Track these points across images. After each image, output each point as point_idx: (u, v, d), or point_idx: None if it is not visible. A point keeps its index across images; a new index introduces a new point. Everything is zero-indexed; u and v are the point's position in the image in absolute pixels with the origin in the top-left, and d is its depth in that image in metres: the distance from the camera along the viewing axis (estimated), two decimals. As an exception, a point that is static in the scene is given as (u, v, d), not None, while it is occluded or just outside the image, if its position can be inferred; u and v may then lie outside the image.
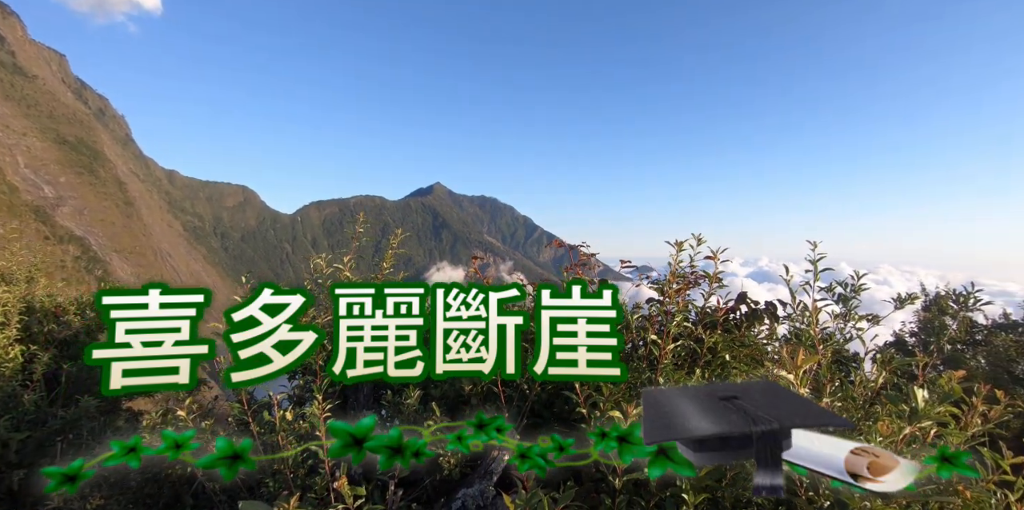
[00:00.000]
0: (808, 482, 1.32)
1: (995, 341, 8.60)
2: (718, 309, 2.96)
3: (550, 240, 3.22)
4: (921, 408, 1.09)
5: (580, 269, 2.97)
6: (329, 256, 4.19)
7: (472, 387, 2.90)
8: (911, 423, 1.12)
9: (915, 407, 1.10)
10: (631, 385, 2.70)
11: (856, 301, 3.28)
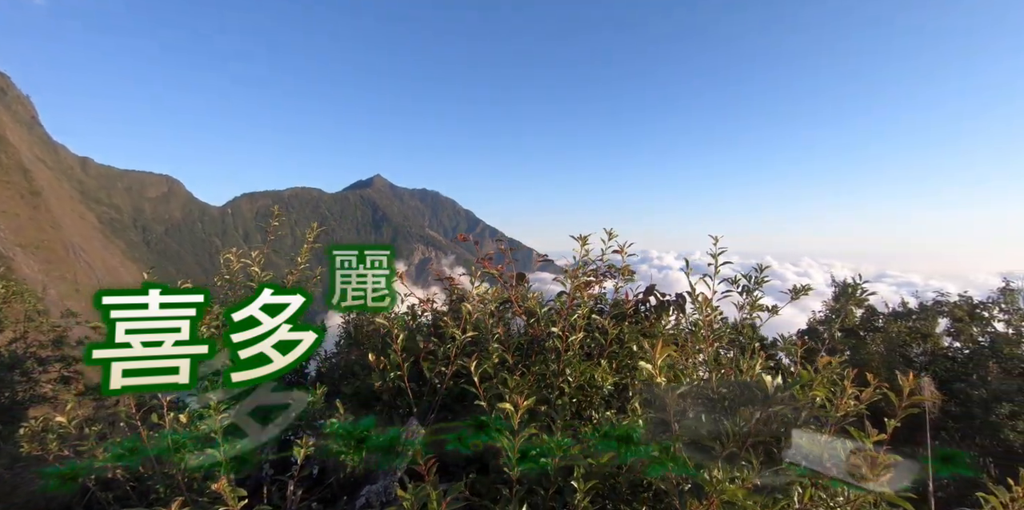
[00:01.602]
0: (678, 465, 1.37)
1: (890, 328, 9.37)
2: (626, 301, 3.04)
3: (493, 234, 3.21)
4: (772, 394, 1.15)
5: (488, 262, 2.96)
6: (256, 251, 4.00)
7: (382, 383, 2.84)
8: (764, 409, 1.17)
9: (766, 393, 1.15)
10: (539, 377, 2.73)
11: (760, 293, 3.46)
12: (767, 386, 1.15)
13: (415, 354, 3.03)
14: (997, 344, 8.89)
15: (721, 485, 1.17)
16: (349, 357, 3.60)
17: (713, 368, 2.04)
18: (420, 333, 3.18)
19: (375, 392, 3.00)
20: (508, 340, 2.83)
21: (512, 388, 2.50)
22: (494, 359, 2.74)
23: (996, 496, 1.68)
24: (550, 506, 2.14)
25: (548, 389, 2.59)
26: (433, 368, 2.84)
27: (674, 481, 1.34)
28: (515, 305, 3.07)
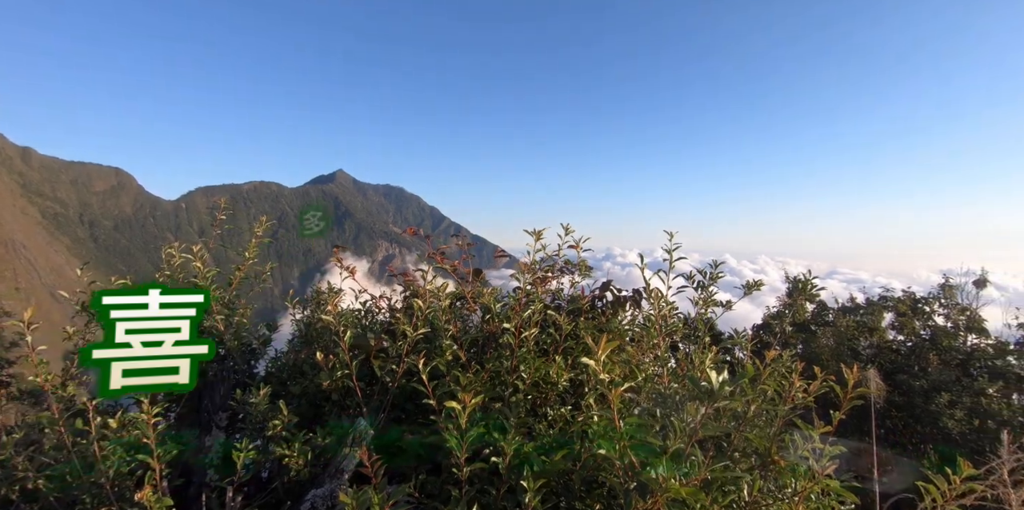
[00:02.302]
0: (625, 463, 1.34)
1: (839, 322, 9.73)
2: (582, 297, 3.01)
3: (458, 231, 3.12)
4: (716, 389, 1.12)
5: (442, 257, 2.89)
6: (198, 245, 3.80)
7: (330, 383, 2.74)
8: (708, 404, 1.15)
9: (710, 388, 1.13)
10: (493, 374, 2.68)
11: (715, 288, 3.50)
12: (711, 381, 1.12)
13: (366, 352, 2.93)
14: (937, 337, 9.34)
15: (666, 483, 1.15)
16: (299, 356, 3.46)
17: (665, 363, 2.03)
18: (371, 330, 3.08)
19: (324, 392, 2.89)
20: (462, 337, 2.77)
21: (464, 386, 2.44)
22: (447, 356, 2.68)
23: (936, 486, 1.72)
24: (502, 506, 2.09)
25: (502, 386, 2.54)
26: (384, 366, 2.75)
27: (621, 479, 1.31)
28: (469, 301, 3.00)
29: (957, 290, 10.61)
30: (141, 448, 2.44)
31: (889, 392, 8.10)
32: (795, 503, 1.84)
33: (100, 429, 2.38)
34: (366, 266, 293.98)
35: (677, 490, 1.15)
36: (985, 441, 7.73)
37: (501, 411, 2.43)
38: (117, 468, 2.36)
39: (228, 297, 3.89)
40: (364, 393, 2.77)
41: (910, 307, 10.10)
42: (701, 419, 1.17)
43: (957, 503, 1.68)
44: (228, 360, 3.65)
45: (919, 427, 8.41)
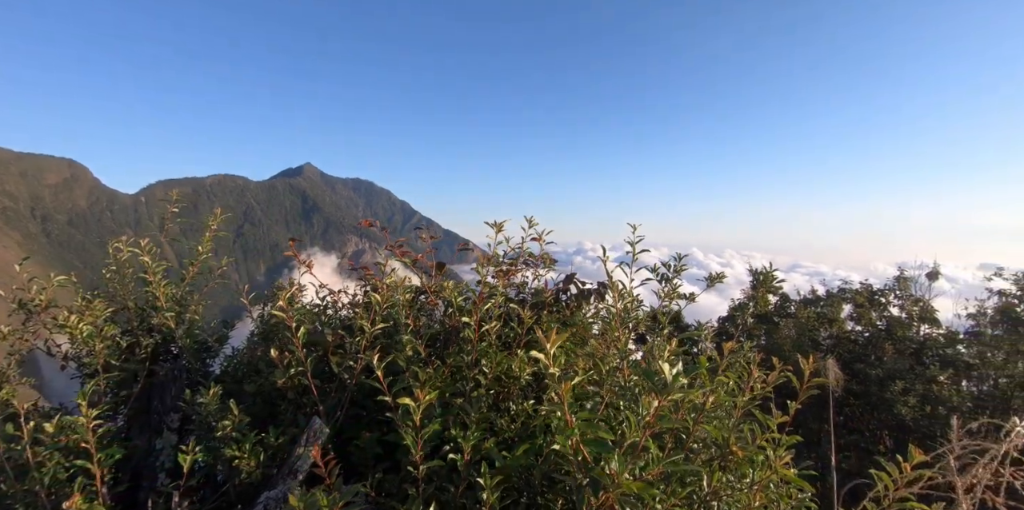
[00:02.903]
0: (578, 459, 1.30)
1: (800, 314, 9.99)
2: (545, 290, 2.98)
3: (429, 225, 3.03)
4: (670, 381, 1.10)
5: (400, 249, 2.82)
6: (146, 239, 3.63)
7: (285, 380, 2.64)
8: (661, 397, 1.12)
9: (663, 381, 1.10)
10: (454, 369, 2.62)
11: (679, 280, 3.52)
12: (664, 373, 1.10)
13: (324, 348, 2.84)
14: (892, 327, 9.68)
15: (619, 478, 1.12)
16: (255, 353, 3.34)
17: (626, 356, 2.01)
18: (329, 326, 2.98)
19: (279, 390, 2.79)
20: (422, 331, 2.70)
21: (424, 381, 2.39)
22: (407, 351, 2.61)
23: (888, 473, 1.74)
24: (461, 503, 2.05)
25: (463, 381, 2.49)
26: (342, 363, 2.67)
27: (574, 475, 1.28)
28: (431, 295, 2.94)
29: (911, 282, 11.03)
30: (80, 453, 2.31)
31: (847, 381, 8.36)
32: (753, 493, 1.84)
33: (34, 434, 2.24)
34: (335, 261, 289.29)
35: (628, 485, 1.12)
36: (936, 426, 8.06)
37: (462, 407, 2.38)
38: (53, 475, 2.22)
39: (181, 293, 3.74)
40: (321, 390, 2.68)
41: (867, 299, 10.44)
42: (655, 412, 1.14)
43: (908, 490, 1.70)
44: (181, 359, 3.51)
45: (875, 414, 8.72)
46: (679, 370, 1.15)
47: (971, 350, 9.56)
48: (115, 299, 3.65)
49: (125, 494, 2.91)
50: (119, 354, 3.23)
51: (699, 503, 1.93)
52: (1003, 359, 9.16)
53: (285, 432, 2.45)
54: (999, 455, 1.18)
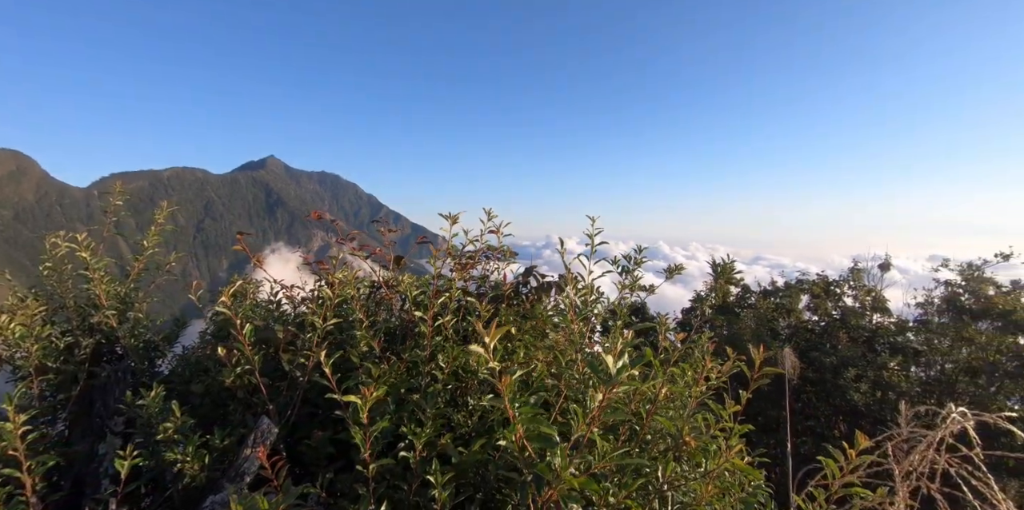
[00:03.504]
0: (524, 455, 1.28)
1: (760, 305, 10.25)
2: (504, 283, 2.95)
3: (397, 220, 2.95)
4: (614, 373, 1.08)
5: (351, 243, 2.74)
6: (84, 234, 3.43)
7: (233, 380, 2.54)
8: (606, 389, 1.10)
9: (608, 373, 1.08)
10: (410, 364, 2.57)
11: (640, 272, 3.53)
12: (608, 365, 1.07)
13: (275, 345, 2.75)
14: (846, 316, 10.03)
15: (562, 473, 1.09)
16: (204, 352, 3.21)
17: (581, 349, 2.00)
18: (280, 322, 2.88)
19: (228, 390, 2.69)
20: (376, 326, 2.64)
21: (377, 378, 2.33)
22: (361, 347, 2.54)
23: (834, 460, 1.77)
24: (415, 501, 2.00)
25: (419, 377, 2.44)
26: (293, 360, 2.58)
27: (518, 471, 1.25)
28: (385, 289, 2.87)
29: (864, 273, 11.44)
30: (8, 461, 2.18)
31: (804, 369, 8.62)
32: (706, 482, 1.85)
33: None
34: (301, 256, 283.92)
35: (571, 481, 1.10)
36: (887, 411, 8.40)
37: (417, 403, 2.33)
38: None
39: (125, 290, 3.57)
40: (272, 389, 2.59)
41: (823, 289, 10.78)
42: (600, 405, 1.12)
43: (853, 475, 1.73)
44: (126, 359, 3.35)
45: (830, 400, 9.03)
46: (625, 362, 1.13)
47: (919, 337, 9.99)
48: (53, 297, 3.46)
49: (67, 502, 2.76)
50: (56, 355, 3.06)
51: (655, 494, 1.94)
52: (948, 346, 9.61)
53: (232, 433, 2.36)
54: (935, 442, 1.20)
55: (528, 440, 1.19)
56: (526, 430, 1.18)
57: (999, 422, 1.27)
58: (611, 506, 1.57)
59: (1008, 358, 8.99)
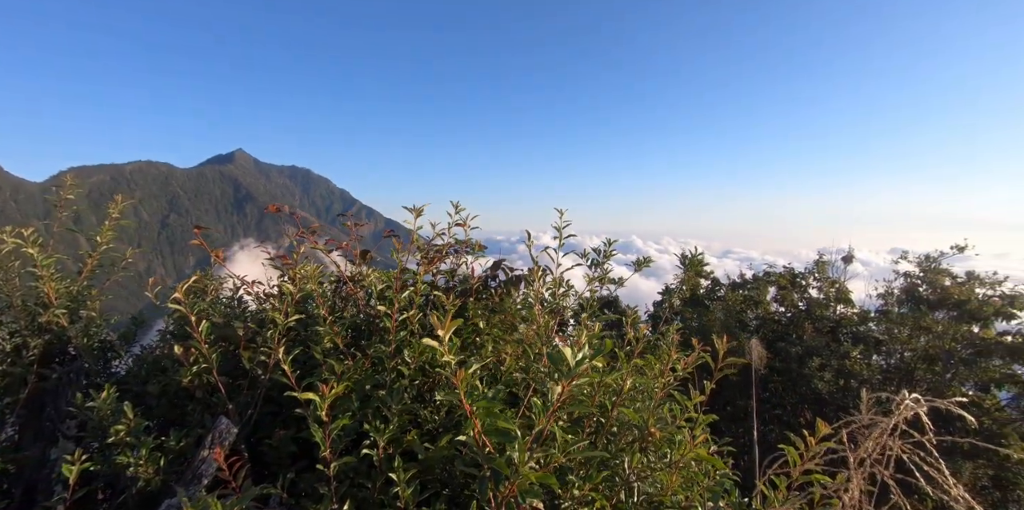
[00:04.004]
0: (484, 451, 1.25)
1: (729, 297, 10.44)
2: (472, 277, 2.92)
3: (371, 215, 2.87)
4: (572, 366, 1.06)
5: (313, 236, 2.67)
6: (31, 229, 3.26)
7: (191, 379, 2.45)
8: (565, 382, 1.08)
9: (567, 365, 1.06)
10: (375, 360, 2.52)
11: (609, 266, 3.54)
12: (567, 358, 1.06)
13: (235, 343, 2.67)
14: (811, 307, 10.30)
15: (522, 468, 1.08)
16: (162, 351, 3.10)
17: (549, 341, 1.98)
18: (240, 319, 2.80)
19: (187, 389, 2.60)
20: (339, 322, 2.58)
21: (340, 374, 2.27)
22: (325, 343, 2.48)
23: (795, 447, 1.79)
24: (380, 499, 1.96)
25: (385, 372, 2.39)
26: (254, 358, 2.51)
27: (479, 467, 1.23)
28: (349, 284, 2.80)
29: (829, 266, 11.76)
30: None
31: (771, 359, 8.82)
32: (671, 473, 1.86)
33: None
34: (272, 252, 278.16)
35: (528, 475, 1.08)
36: (849, 399, 8.66)
37: (382, 399, 2.29)
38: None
39: (77, 288, 3.42)
40: (232, 388, 2.52)
41: (789, 281, 11.04)
42: (559, 398, 1.10)
43: (814, 462, 1.76)
44: (79, 360, 3.22)
45: (796, 389, 9.27)
46: (585, 354, 1.11)
47: (880, 327, 10.32)
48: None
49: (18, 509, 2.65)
50: (2, 357, 2.92)
51: (621, 485, 1.94)
52: (907, 335, 9.96)
53: (189, 434, 2.28)
54: (888, 428, 1.22)
55: (486, 435, 1.17)
56: (484, 425, 1.16)
57: (951, 408, 1.29)
58: (576, 499, 1.56)
59: (963, 346, 9.36)
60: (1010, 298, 9.34)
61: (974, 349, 9.16)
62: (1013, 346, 8.74)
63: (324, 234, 3.23)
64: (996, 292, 9.66)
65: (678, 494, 1.93)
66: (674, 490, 1.91)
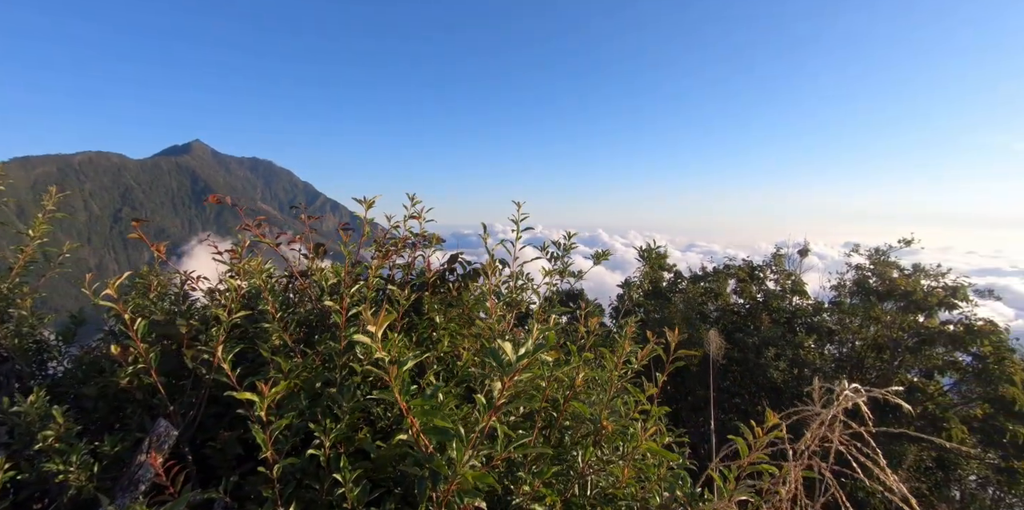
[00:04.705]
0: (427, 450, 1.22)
1: (690, 289, 10.64)
2: (428, 270, 2.86)
3: (335, 208, 2.74)
4: (512, 361, 1.03)
5: (259, 229, 2.57)
6: None
7: (131, 379, 2.33)
8: (506, 378, 1.05)
9: (506, 360, 1.03)
10: (326, 357, 2.45)
11: (569, 259, 3.54)
12: (507, 353, 1.03)
13: (178, 341, 2.55)
14: (769, 299, 10.60)
15: (463, 468, 1.04)
16: (99, 351, 2.95)
17: (501, 336, 1.95)
18: (183, 316, 2.67)
19: (126, 391, 2.47)
20: (292, 318, 2.50)
21: (287, 372, 2.20)
22: (274, 341, 2.40)
23: (745, 438, 1.81)
24: (328, 501, 1.91)
25: (335, 369, 2.32)
26: (198, 356, 2.40)
27: (420, 467, 1.19)
28: (299, 278, 2.72)
29: (786, 259, 12.12)
30: None
31: (729, 349, 9.04)
32: (623, 467, 1.86)
33: None
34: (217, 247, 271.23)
35: (466, 475, 1.05)
36: (803, 387, 8.96)
37: (333, 397, 2.22)
38: None
39: (8, 286, 3.23)
40: (176, 388, 2.41)
41: (748, 274, 11.33)
42: (500, 394, 1.07)
43: (761, 452, 1.78)
44: (10, 361, 3.03)
45: (753, 378, 9.54)
46: (527, 349, 1.09)
47: (833, 318, 10.71)
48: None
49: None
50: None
51: (575, 479, 1.93)
52: (858, 324, 10.36)
53: (127, 438, 2.17)
54: (827, 420, 1.24)
55: (425, 434, 1.13)
56: (421, 423, 1.12)
57: (888, 397, 1.32)
58: (526, 495, 1.54)
59: (909, 335, 9.79)
60: (952, 289, 9.80)
61: (919, 338, 9.59)
62: (955, 335, 9.19)
63: (288, 228, 3.12)
64: (940, 283, 10.12)
65: (631, 487, 1.93)
66: (627, 482, 1.92)
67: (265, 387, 1.52)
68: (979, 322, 9.20)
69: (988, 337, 8.82)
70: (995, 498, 9.24)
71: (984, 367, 8.73)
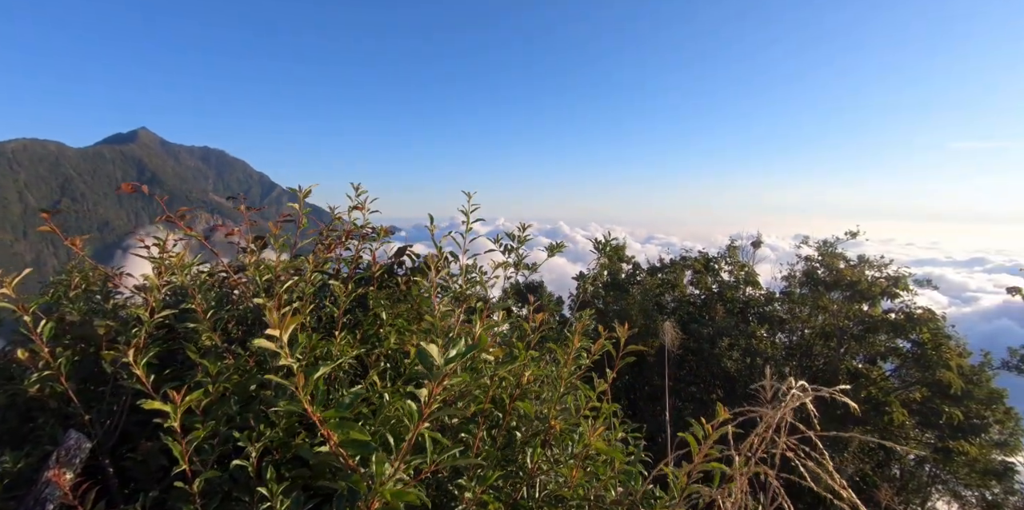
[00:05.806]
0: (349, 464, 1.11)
1: (647, 281, 10.78)
2: (374, 264, 2.73)
3: (292, 199, 2.53)
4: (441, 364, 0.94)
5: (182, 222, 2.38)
6: None
7: (40, 387, 2.12)
8: (434, 382, 0.96)
9: (433, 364, 0.94)
10: (260, 358, 2.29)
11: (525, 251, 3.46)
12: (434, 355, 0.94)
13: (96, 343, 2.34)
14: (723, 290, 10.85)
15: (376, 486, 0.95)
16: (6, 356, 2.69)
17: (446, 333, 1.86)
18: (101, 315, 2.46)
19: (38, 399, 2.25)
20: (227, 315, 2.33)
21: (216, 375, 2.04)
22: (203, 341, 2.23)
23: (695, 432, 1.77)
24: (259, 513, 1.77)
25: (272, 370, 2.17)
26: (117, 360, 2.21)
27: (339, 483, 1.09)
28: (230, 274, 2.54)
29: (739, 250, 12.43)
30: None
31: (685, 340, 9.20)
32: (572, 467, 1.80)
33: None
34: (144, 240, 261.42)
35: (386, 492, 0.96)
36: (756, 375, 9.22)
37: (268, 400, 2.08)
38: None
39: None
40: (92, 395, 2.21)
41: (704, 265, 11.56)
42: (430, 400, 0.98)
43: (714, 448, 1.74)
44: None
45: (708, 368, 9.76)
46: (460, 350, 0.99)
47: (784, 307, 11.06)
48: None
49: None
50: None
51: (523, 481, 1.86)
52: (808, 313, 10.73)
53: (33, 452, 1.97)
54: (773, 423, 1.19)
55: (343, 447, 1.03)
56: (338, 436, 1.02)
57: (835, 396, 1.29)
58: (468, 501, 1.45)
59: (854, 323, 10.20)
60: (894, 279, 10.25)
61: (863, 326, 10.00)
62: (896, 322, 9.62)
63: (241, 220, 2.92)
64: (883, 274, 10.57)
65: (583, 486, 1.87)
66: (578, 482, 1.86)
67: (177, 395, 1.37)
68: (918, 310, 9.65)
69: (927, 324, 9.27)
70: (931, 475, 9.77)
71: (923, 353, 9.18)
